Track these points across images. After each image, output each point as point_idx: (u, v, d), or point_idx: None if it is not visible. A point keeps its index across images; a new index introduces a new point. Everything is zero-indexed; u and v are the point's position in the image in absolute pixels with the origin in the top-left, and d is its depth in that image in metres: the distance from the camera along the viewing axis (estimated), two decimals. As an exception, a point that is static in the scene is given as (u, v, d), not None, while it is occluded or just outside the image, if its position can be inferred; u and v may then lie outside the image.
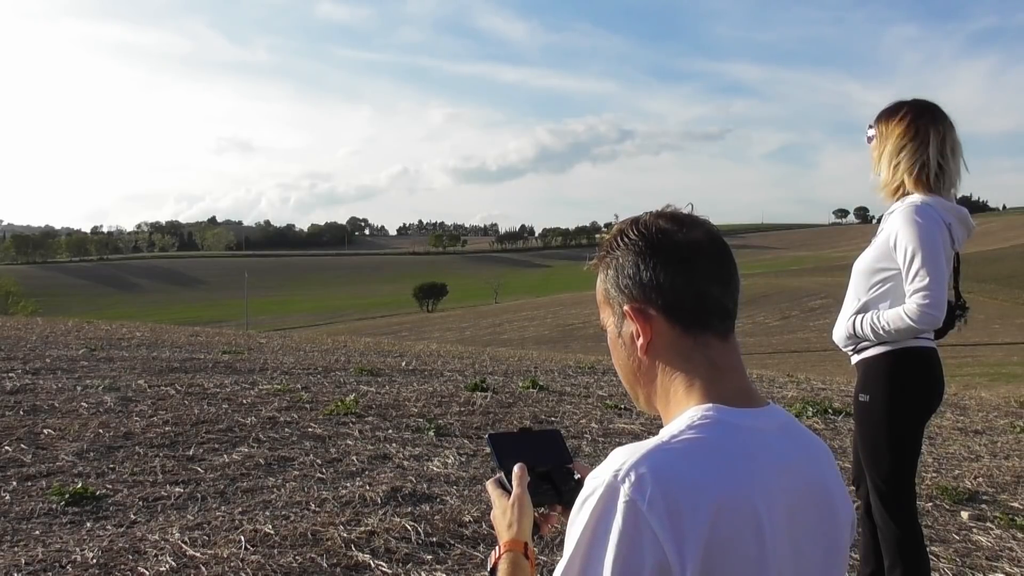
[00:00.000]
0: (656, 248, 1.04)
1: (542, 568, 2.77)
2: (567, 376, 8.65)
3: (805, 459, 1.04)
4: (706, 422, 0.97)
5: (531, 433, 1.36)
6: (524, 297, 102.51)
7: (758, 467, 0.96)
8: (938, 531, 3.38)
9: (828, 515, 1.03)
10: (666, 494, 0.89)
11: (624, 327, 1.08)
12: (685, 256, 1.04)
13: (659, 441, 0.95)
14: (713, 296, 1.04)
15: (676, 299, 1.03)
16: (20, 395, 5.40)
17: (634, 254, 1.05)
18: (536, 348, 29.74)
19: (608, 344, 1.13)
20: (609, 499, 0.90)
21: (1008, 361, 32.04)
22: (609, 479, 0.91)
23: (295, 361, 8.70)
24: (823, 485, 1.04)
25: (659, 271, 1.03)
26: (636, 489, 0.89)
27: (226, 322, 68.98)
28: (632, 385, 1.11)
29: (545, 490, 1.25)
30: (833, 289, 63.37)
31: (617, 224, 1.11)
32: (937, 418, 6.43)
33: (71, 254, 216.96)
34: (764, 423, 1.02)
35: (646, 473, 0.90)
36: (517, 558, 1.16)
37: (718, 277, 1.05)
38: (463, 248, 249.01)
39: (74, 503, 3.30)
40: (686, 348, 1.04)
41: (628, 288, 1.05)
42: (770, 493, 0.95)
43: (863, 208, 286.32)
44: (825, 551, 1.01)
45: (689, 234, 1.05)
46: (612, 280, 1.08)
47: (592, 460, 4.37)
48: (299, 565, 2.66)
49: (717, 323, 1.04)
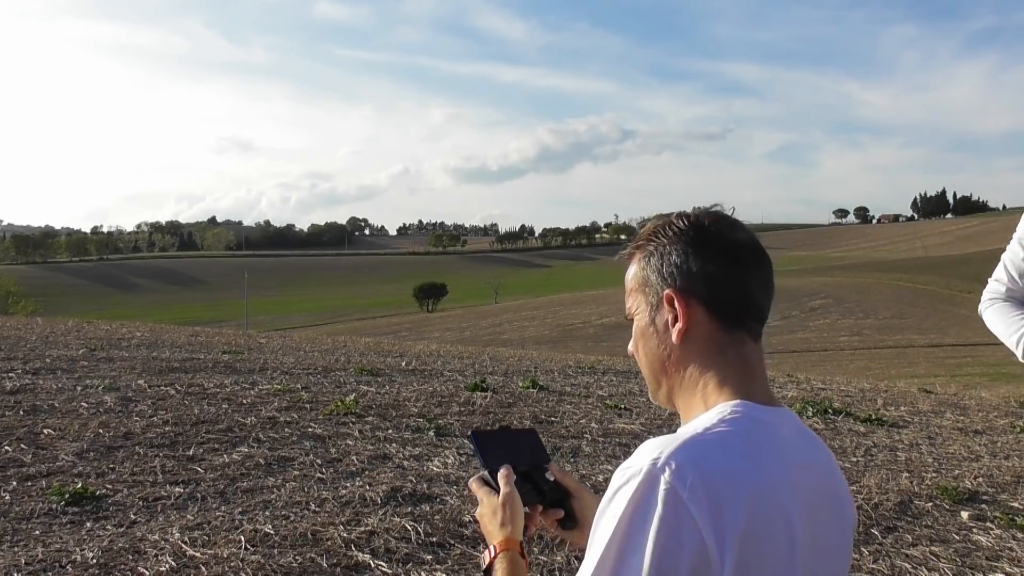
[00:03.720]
0: (707, 241, 1.05)
1: (542, 568, 2.77)
2: (567, 376, 8.66)
3: (819, 460, 1.06)
4: (737, 416, 0.98)
5: (511, 432, 1.37)
6: (524, 297, 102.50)
7: (785, 463, 0.98)
8: (938, 531, 3.38)
9: (839, 514, 1.05)
10: (706, 483, 0.88)
11: (659, 315, 1.07)
12: (734, 254, 1.05)
13: (694, 432, 0.96)
14: (754, 297, 1.05)
15: (721, 293, 1.04)
16: (20, 395, 5.40)
17: (683, 244, 1.06)
18: (536, 348, 29.75)
19: (635, 333, 1.12)
20: (648, 487, 0.89)
21: (1008, 361, 31.86)
22: (648, 467, 0.90)
23: (295, 361, 8.70)
24: (834, 485, 1.06)
25: (708, 263, 1.04)
26: (677, 477, 0.88)
27: (226, 322, 69.01)
28: (656, 375, 1.10)
29: (528, 490, 1.25)
30: (833, 289, 63.45)
31: (659, 217, 1.12)
32: (937, 418, 6.43)
33: (71, 254, 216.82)
34: (784, 422, 1.03)
35: (686, 462, 0.90)
36: (514, 557, 1.15)
37: (761, 281, 1.06)
38: (463, 248, 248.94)
39: (74, 503, 3.30)
40: (722, 343, 1.04)
41: (672, 276, 1.05)
42: (795, 488, 0.96)
43: (863, 208, 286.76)
44: (836, 548, 1.03)
45: (739, 234, 1.06)
46: (655, 267, 1.07)
47: (592, 460, 4.37)
48: (299, 565, 2.66)
49: (754, 324, 1.06)
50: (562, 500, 1.28)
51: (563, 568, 2.77)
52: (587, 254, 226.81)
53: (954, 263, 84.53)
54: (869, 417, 6.15)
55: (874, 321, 54.00)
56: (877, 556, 3.04)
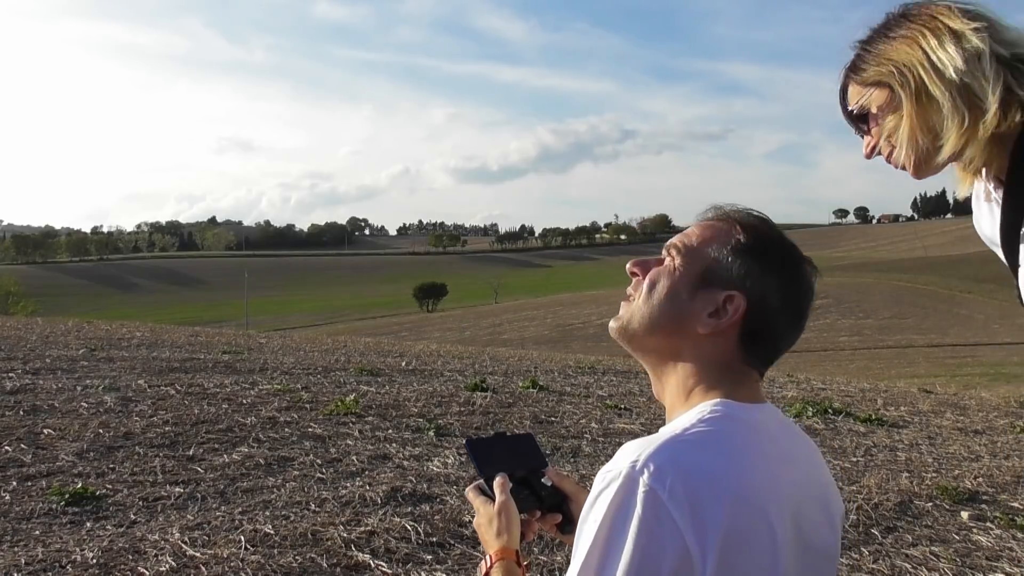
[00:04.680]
0: (794, 299, 1.05)
1: (542, 568, 2.77)
2: (567, 376, 8.66)
3: (804, 454, 1.06)
4: (716, 416, 0.98)
5: (506, 438, 1.36)
6: (524, 297, 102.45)
7: (767, 461, 0.98)
8: (938, 531, 3.38)
9: (825, 508, 1.04)
10: (686, 484, 0.89)
11: (707, 289, 1.04)
12: (799, 320, 1.06)
13: (672, 433, 0.96)
14: (779, 352, 1.07)
15: (767, 340, 1.05)
16: (20, 395, 5.40)
17: (777, 279, 1.04)
18: (536, 348, 29.75)
19: (656, 274, 1.08)
20: (628, 490, 0.89)
21: (1008, 361, 32.05)
22: (627, 470, 0.90)
23: (295, 361, 8.70)
24: (820, 479, 1.06)
25: (780, 314, 1.04)
26: (656, 479, 0.88)
27: (226, 322, 68.98)
28: (649, 331, 1.07)
29: (525, 496, 1.24)
30: (833, 289, 63.37)
31: (773, 224, 1.09)
32: (937, 418, 6.43)
33: (71, 254, 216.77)
34: (767, 418, 1.03)
35: (665, 463, 0.90)
36: (510, 566, 1.15)
37: (789, 344, 1.08)
38: (463, 248, 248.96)
39: (74, 503, 3.30)
40: (732, 365, 1.05)
41: (756, 291, 1.03)
42: (779, 486, 0.96)
43: (863, 208, 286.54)
44: (823, 541, 1.03)
45: (809, 303, 1.08)
46: (736, 259, 1.04)
47: (592, 460, 4.37)
48: (299, 565, 2.66)
49: (766, 367, 1.08)
50: (560, 504, 1.28)
51: (563, 568, 2.77)
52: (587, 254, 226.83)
53: (954, 263, 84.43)
54: (869, 417, 6.15)
55: (874, 321, 53.97)
56: (877, 556, 3.04)
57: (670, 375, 1.07)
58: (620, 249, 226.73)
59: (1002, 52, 1.15)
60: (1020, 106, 1.15)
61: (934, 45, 1.15)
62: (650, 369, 1.11)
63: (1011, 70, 1.15)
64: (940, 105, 1.16)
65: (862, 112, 1.27)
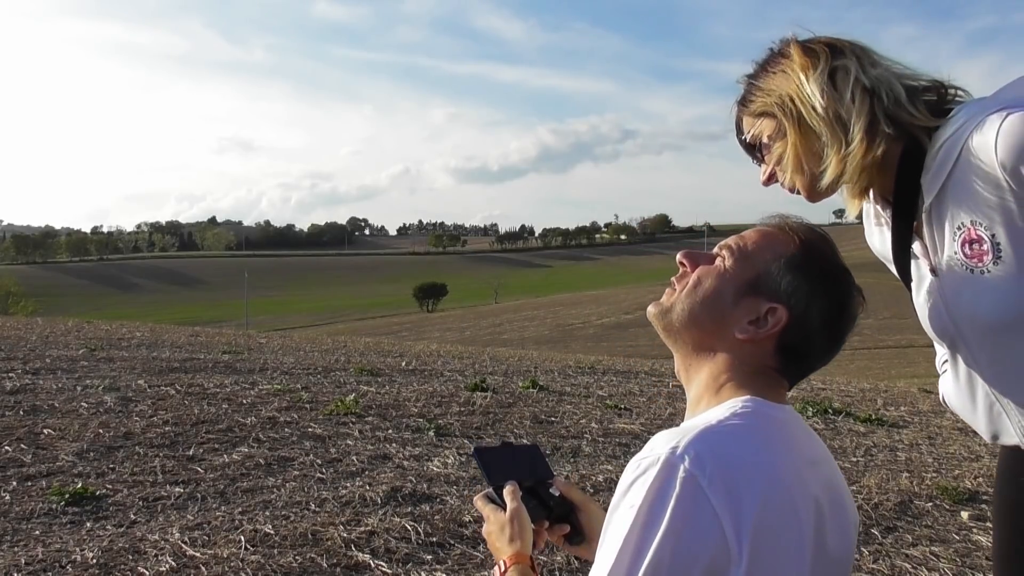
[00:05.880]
0: (836, 322, 1.06)
1: (542, 568, 2.77)
2: (567, 376, 8.65)
3: (823, 457, 1.06)
4: (747, 411, 0.98)
5: (513, 447, 1.35)
6: (524, 297, 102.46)
7: (795, 459, 0.98)
8: (938, 531, 3.38)
9: (843, 515, 1.04)
10: (724, 472, 0.88)
11: (753, 297, 1.05)
12: (835, 343, 1.07)
13: (707, 424, 0.95)
14: (815, 367, 1.08)
15: (801, 356, 1.06)
16: (20, 395, 5.40)
17: (826, 302, 1.05)
18: (536, 348, 29.74)
19: (705, 271, 1.09)
20: (668, 474, 0.88)
21: (1008, 361, 31.94)
22: (666, 455, 0.89)
23: (295, 361, 8.70)
24: (837, 483, 1.06)
25: (817, 335, 1.05)
26: (696, 465, 0.88)
27: (226, 322, 68.97)
28: (687, 326, 1.08)
29: (534, 506, 1.24)
30: (833, 289, 63.18)
31: (833, 246, 1.12)
32: (937, 418, 6.43)
33: (71, 254, 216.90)
34: (791, 419, 1.04)
35: (704, 451, 0.89)
36: (525, 571, 1.15)
37: (830, 359, 1.09)
38: (463, 248, 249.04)
39: (74, 503, 3.30)
40: (766, 368, 1.05)
41: (802, 310, 1.04)
42: (804, 484, 0.96)
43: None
44: (838, 550, 1.02)
45: (849, 326, 1.08)
46: (787, 273, 1.05)
47: (592, 460, 4.37)
48: (299, 565, 2.66)
49: (795, 380, 1.09)
50: (568, 514, 1.27)
51: (563, 568, 2.77)
52: (587, 254, 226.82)
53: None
54: (869, 417, 6.15)
55: (874, 321, 53.92)
56: (877, 556, 3.04)
57: (703, 366, 1.08)
58: (620, 249, 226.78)
59: (867, 83, 1.20)
60: (885, 135, 1.19)
61: (804, 80, 1.21)
62: (680, 356, 1.11)
63: (878, 100, 1.19)
64: (819, 133, 1.21)
65: (755, 142, 1.34)
